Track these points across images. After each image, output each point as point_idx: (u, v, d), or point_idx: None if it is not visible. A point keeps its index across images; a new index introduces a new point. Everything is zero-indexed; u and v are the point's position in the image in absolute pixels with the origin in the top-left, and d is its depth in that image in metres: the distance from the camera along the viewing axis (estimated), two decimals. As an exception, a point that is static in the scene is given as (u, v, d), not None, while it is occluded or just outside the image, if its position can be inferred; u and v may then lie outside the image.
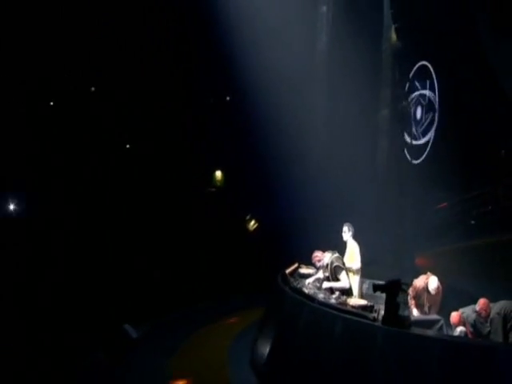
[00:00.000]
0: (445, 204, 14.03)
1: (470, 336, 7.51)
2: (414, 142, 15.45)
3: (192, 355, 10.83)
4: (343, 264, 8.69)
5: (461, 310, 7.68)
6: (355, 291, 8.99)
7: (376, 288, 7.32)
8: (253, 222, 20.50)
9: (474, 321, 7.46)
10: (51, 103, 21.51)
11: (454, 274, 11.52)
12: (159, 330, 12.81)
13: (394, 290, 6.87)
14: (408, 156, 15.70)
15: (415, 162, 15.33)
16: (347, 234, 9.16)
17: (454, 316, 7.50)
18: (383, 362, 6.58)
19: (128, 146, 21.88)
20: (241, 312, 14.02)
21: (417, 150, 15.28)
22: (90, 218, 18.66)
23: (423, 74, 15.28)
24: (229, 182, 21.47)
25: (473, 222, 12.61)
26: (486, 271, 11.28)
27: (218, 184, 21.88)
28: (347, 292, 8.58)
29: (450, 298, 9.06)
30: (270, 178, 18.60)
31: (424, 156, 14.98)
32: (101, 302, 13.49)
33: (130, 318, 11.66)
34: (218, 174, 21.81)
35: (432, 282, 8.45)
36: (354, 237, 9.33)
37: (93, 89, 21.63)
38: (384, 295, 7.40)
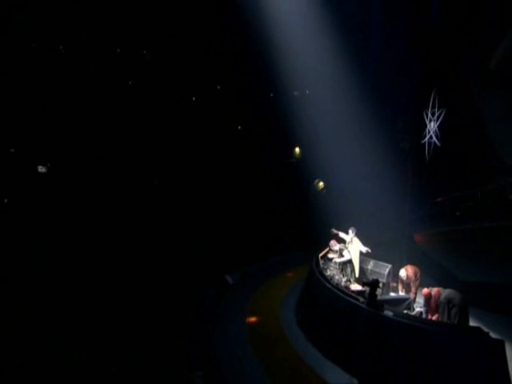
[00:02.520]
0: (440, 199, 15.23)
1: (431, 314, 8.77)
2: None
3: (261, 299, 12.09)
4: (346, 248, 10.43)
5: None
6: (356, 266, 10.45)
7: (364, 284, 9.18)
8: (322, 184, 20.62)
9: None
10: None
11: (441, 249, 13.08)
12: (245, 278, 13.84)
13: (374, 286, 8.47)
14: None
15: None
16: (351, 234, 10.56)
17: (425, 291, 8.79)
18: (364, 329, 8.37)
19: (239, 127, 22.96)
20: (297, 267, 14.22)
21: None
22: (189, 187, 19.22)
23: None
24: (304, 156, 21.80)
25: (458, 213, 14.17)
26: (464, 249, 12.68)
27: (297, 157, 22.39)
28: (350, 262, 10.34)
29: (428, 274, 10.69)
30: (332, 156, 18.46)
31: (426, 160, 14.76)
32: (210, 260, 14.07)
33: (228, 270, 13.58)
34: (297, 149, 22.36)
35: (401, 272, 9.71)
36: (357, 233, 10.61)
37: (218, 87, 22.40)
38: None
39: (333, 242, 10.78)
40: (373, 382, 7.86)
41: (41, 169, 19.07)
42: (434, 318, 8.65)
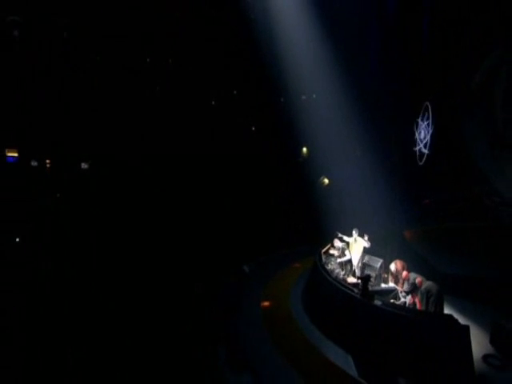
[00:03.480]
0: (427, 201, 15.39)
1: (417, 303, 9.19)
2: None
3: (273, 286, 12.59)
4: (347, 248, 11.19)
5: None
6: (355, 262, 11.13)
7: (358, 278, 10.16)
8: (326, 180, 20.94)
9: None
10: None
11: (426, 245, 13.56)
12: (259, 268, 14.25)
13: (366, 281, 9.35)
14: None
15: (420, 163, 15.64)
16: (355, 234, 11.23)
17: (405, 274, 9.57)
18: (357, 314, 9.14)
19: (253, 128, 23.09)
20: (303, 259, 14.45)
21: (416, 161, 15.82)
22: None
23: (426, 109, 15.63)
24: (311, 155, 21.85)
25: (442, 213, 14.40)
26: (445, 245, 13.21)
27: (305, 156, 22.41)
28: (350, 261, 11.08)
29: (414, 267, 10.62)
30: (335, 156, 18.93)
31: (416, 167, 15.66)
32: (231, 252, 14.36)
33: (245, 261, 14.05)
34: (305, 149, 22.43)
35: (391, 265, 10.21)
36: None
37: (235, 92, 22.66)
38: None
39: (336, 240, 11.55)
40: (363, 357, 8.62)
41: (83, 165, 19.49)
42: (415, 299, 9.25)
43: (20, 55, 17.97)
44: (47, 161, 18.98)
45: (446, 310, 9.17)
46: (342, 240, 11.74)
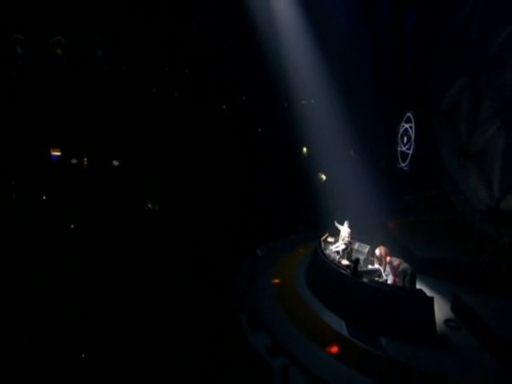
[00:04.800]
0: (407, 197, 16.41)
1: (397, 282, 10.12)
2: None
3: (281, 267, 13.30)
4: (343, 239, 12.17)
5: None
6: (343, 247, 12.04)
7: (350, 261, 11.23)
8: (323, 176, 20.88)
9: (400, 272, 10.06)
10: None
11: (406, 234, 14.41)
12: (270, 251, 14.69)
13: (356, 263, 10.61)
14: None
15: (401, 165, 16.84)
16: (346, 225, 12.19)
17: (388, 259, 10.47)
18: (349, 289, 10.26)
19: (259, 130, 23.41)
20: (306, 244, 14.64)
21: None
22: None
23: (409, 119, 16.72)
24: (311, 154, 22.05)
25: (418, 208, 15.60)
26: (422, 234, 14.22)
27: (305, 154, 22.68)
28: (346, 249, 12.02)
29: (395, 252, 11.56)
30: (333, 155, 19.03)
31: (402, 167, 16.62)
32: (247, 238, 14.93)
33: (258, 246, 14.71)
34: (305, 148, 22.67)
35: (376, 250, 11.11)
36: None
37: (244, 98, 23.11)
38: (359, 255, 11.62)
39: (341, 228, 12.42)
40: (353, 321, 9.93)
41: (115, 163, 20.53)
42: (395, 280, 10.31)
43: (60, 70, 19.40)
44: (85, 159, 20.25)
45: (418, 286, 10.29)
46: (331, 234, 12.72)
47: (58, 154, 19.88)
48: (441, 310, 10.33)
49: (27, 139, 18.26)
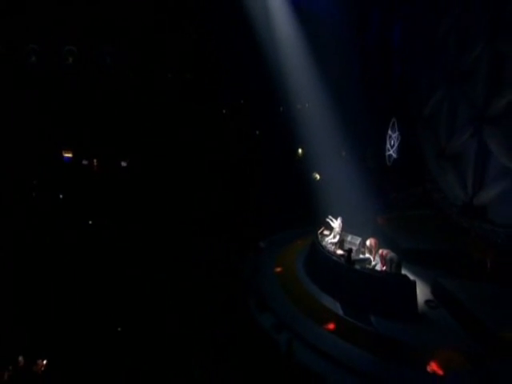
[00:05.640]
0: (394, 195, 17.48)
1: (382, 267, 11.08)
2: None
3: (282, 257, 14.06)
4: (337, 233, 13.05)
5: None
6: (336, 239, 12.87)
7: (344, 250, 12.19)
8: (317, 176, 21.65)
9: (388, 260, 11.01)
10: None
11: (393, 228, 15.38)
12: (271, 243, 15.42)
13: (349, 253, 11.66)
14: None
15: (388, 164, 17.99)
16: (339, 220, 13.03)
17: (380, 251, 11.39)
18: (343, 275, 11.24)
19: (257, 132, 24.35)
20: (304, 237, 15.23)
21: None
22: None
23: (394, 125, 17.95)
24: (306, 155, 22.76)
25: (404, 204, 16.76)
26: (407, 227, 15.25)
27: (300, 156, 23.51)
28: (339, 240, 12.85)
29: (384, 243, 12.78)
30: (326, 157, 19.71)
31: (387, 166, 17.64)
32: (250, 232, 15.32)
33: (261, 238, 15.42)
34: (300, 150, 23.49)
35: (367, 242, 12.06)
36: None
37: (242, 101, 24.01)
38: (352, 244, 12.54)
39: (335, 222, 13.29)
40: (347, 302, 11.00)
41: (123, 163, 21.51)
42: (383, 267, 11.28)
43: (71, 78, 20.65)
44: (95, 160, 21.33)
45: (403, 272, 11.31)
46: (327, 226, 13.58)
47: (69, 155, 20.93)
48: (422, 293, 11.49)
49: (42, 142, 19.33)
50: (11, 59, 19.87)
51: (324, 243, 13.13)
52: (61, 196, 18.42)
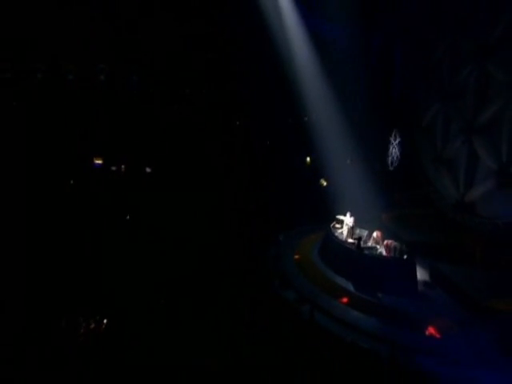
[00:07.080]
0: (397, 195, 18.82)
1: (387, 253, 12.44)
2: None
3: (300, 248, 15.20)
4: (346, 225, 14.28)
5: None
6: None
7: (355, 239, 13.61)
8: (324, 182, 22.76)
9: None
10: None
11: (396, 223, 16.77)
12: (289, 237, 16.28)
13: (359, 240, 13.13)
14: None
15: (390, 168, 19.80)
16: (348, 215, 13.94)
17: (385, 242, 12.83)
18: (354, 259, 12.53)
19: (268, 142, 25.36)
20: (317, 232, 16.26)
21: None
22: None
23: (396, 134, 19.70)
24: (312, 163, 24.21)
25: (405, 203, 18.25)
26: (408, 223, 16.75)
27: (308, 163, 24.78)
28: (350, 230, 14.16)
29: (388, 236, 13.76)
30: (333, 164, 20.40)
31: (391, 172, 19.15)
32: (271, 227, 16.31)
33: (280, 231, 16.32)
34: (308, 158, 24.82)
35: (373, 234, 13.27)
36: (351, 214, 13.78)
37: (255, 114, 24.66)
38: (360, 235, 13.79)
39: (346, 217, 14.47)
40: (357, 282, 12.23)
41: (148, 170, 22.46)
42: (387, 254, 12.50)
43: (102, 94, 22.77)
44: (122, 166, 22.54)
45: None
46: (338, 221, 14.89)
47: (99, 162, 22.63)
48: (421, 276, 13.08)
49: (76, 150, 21.22)
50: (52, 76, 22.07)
51: (337, 234, 14.72)
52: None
